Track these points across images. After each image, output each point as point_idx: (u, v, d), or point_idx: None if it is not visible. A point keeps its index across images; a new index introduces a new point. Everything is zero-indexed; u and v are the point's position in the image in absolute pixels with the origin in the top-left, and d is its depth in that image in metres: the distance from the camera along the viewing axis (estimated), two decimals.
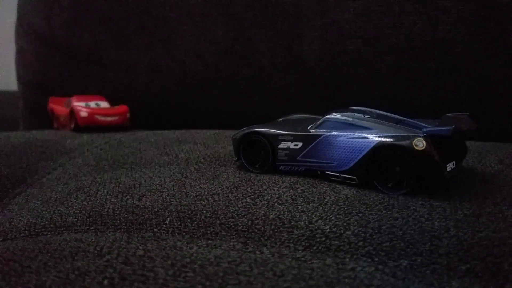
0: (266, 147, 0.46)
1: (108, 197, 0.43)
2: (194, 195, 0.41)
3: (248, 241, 0.34)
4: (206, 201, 0.40)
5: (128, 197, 0.42)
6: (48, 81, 0.92)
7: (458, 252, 0.31)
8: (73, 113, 0.73)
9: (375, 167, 0.40)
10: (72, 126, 0.74)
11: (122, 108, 0.76)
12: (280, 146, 0.45)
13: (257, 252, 0.32)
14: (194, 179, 0.45)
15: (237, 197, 0.40)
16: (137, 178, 0.47)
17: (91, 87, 0.86)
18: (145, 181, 0.46)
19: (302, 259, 0.31)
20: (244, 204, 0.39)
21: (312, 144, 0.43)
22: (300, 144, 0.44)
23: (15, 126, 1.01)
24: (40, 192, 0.47)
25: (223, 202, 0.39)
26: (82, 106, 0.74)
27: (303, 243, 0.33)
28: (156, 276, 0.28)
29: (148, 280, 0.28)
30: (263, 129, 0.47)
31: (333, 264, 0.30)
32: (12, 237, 0.39)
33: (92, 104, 0.76)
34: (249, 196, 0.40)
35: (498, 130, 0.62)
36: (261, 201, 0.39)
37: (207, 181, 0.44)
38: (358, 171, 0.41)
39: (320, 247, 0.33)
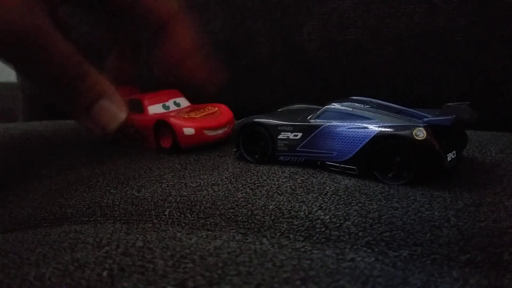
0: (265, 138, 0.46)
1: (107, 188, 0.43)
2: (194, 185, 0.41)
3: (247, 232, 0.34)
4: (205, 191, 0.40)
5: (127, 188, 0.42)
6: None
7: (459, 242, 0.31)
8: (164, 126, 0.52)
9: (375, 157, 0.39)
10: (166, 147, 0.52)
11: (227, 113, 0.55)
12: (280, 136, 0.45)
13: (257, 243, 0.32)
14: (194, 169, 0.45)
15: (236, 188, 0.40)
16: (136, 169, 0.47)
17: None
18: (144, 172, 0.46)
19: (302, 249, 0.31)
20: (243, 194, 0.39)
21: (312, 135, 0.43)
22: (299, 135, 0.44)
23: (14, 118, 1.01)
24: (39, 184, 0.47)
25: (223, 193, 0.39)
26: (181, 117, 0.51)
27: (303, 234, 0.33)
28: (155, 267, 0.28)
29: (147, 271, 0.28)
30: (262, 120, 0.46)
31: (333, 254, 0.30)
32: (12, 229, 0.39)
33: (171, 104, 0.56)
34: (248, 186, 0.40)
35: (499, 119, 0.61)
36: (261, 192, 0.39)
37: (206, 172, 0.44)
38: (358, 161, 0.40)
39: (320, 238, 0.33)
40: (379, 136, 0.39)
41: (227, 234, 0.34)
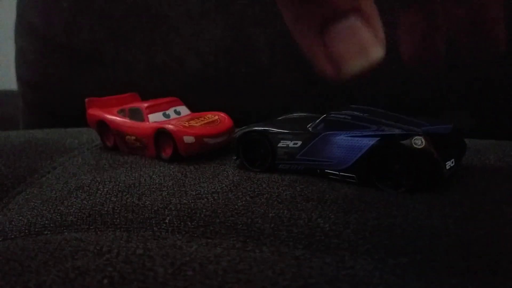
0: (265, 146, 0.46)
1: (108, 196, 0.43)
2: (194, 193, 0.41)
3: (247, 240, 0.34)
4: (205, 199, 0.40)
5: (128, 196, 0.42)
6: (47, 80, 0.92)
7: (458, 249, 0.31)
8: (165, 135, 0.52)
9: (374, 165, 0.40)
10: (166, 155, 0.53)
11: (227, 121, 0.55)
12: (280, 144, 0.45)
13: (257, 251, 0.32)
14: (194, 178, 0.45)
15: (236, 196, 0.40)
16: (136, 177, 0.47)
17: (90, 86, 0.86)
18: (144, 180, 0.46)
19: (302, 257, 0.31)
20: (243, 202, 0.39)
21: (312, 143, 0.43)
22: (299, 143, 0.44)
23: (15, 125, 1.01)
24: (40, 191, 0.47)
25: (223, 201, 0.39)
26: (181, 126, 0.52)
27: (303, 242, 0.33)
28: (155, 275, 0.28)
29: (147, 279, 0.28)
30: (262, 128, 0.47)
31: (333, 262, 0.30)
32: (12, 236, 0.39)
33: (171, 113, 0.56)
34: (248, 194, 0.40)
35: (498, 127, 0.62)
36: (261, 200, 0.39)
37: (206, 180, 0.44)
38: (357, 170, 0.41)
39: (319, 245, 0.33)
40: (378, 145, 0.39)
41: (227, 242, 0.34)
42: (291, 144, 0.45)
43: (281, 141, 0.45)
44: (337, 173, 0.42)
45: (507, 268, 0.29)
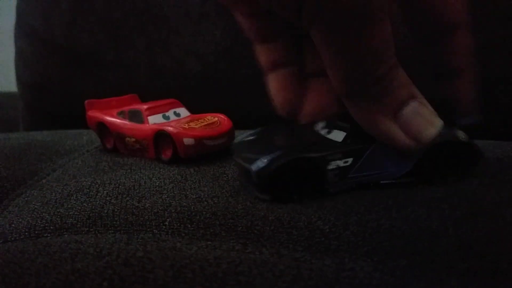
0: (312, 173, 0.39)
1: (108, 198, 0.43)
2: (194, 197, 0.41)
3: (247, 242, 0.34)
4: (206, 203, 0.40)
5: (128, 198, 0.42)
6: (47, 82, 0.92)
7: (457, 250, 0.31)
8: (164, 137, 0.52)
9: (433, 163, 0.40)
10: (166, 157, 0.52)
11: (227, 123, 0.55)
12: (330, 167, 0.39)
13: (257, 253, 0.32)
14: (194, 181, 0.45)
15: (237, 200, 0.40)
16: (137, 179, 0.47)
17: (90, 88, 0.87)
18: (144, 182, 0.46)
19: (301, 259, 0.31)
20: (244, 206, 0.39)
21: (364, 156, 0.39)
22: (350, 160, 0.39)
23: (14, 127, 1.01)
24: (40, 194, 0.47)
25: (223, 204, 0.39)
26: (180, 127, 0.51)
27: (302, 244, 0.33)
28: (155, 277, 0.28)
29: (147, 281, 0.28)
30: (306, 153, 0.39)
31: (332, 264, 0.30)
32: (12, 239, 0.39)
33: (171, 115, 0.56)
34: (249, 200, 0.40)
35: (497, 128, 0.62)
36: (261, 204, 0.39)
37: (207, 184, 0.44)
38: (417, 171, 0.39)
39: (319, 247, 0.33)
40: (433, 143, 0.38)
41: (227, 244, 0.34)
42: (341, 163, 0.39)
43: (331, 162, 0.39)
44: (394, 181, 0.40)
45: (507, 268, 0.29)
